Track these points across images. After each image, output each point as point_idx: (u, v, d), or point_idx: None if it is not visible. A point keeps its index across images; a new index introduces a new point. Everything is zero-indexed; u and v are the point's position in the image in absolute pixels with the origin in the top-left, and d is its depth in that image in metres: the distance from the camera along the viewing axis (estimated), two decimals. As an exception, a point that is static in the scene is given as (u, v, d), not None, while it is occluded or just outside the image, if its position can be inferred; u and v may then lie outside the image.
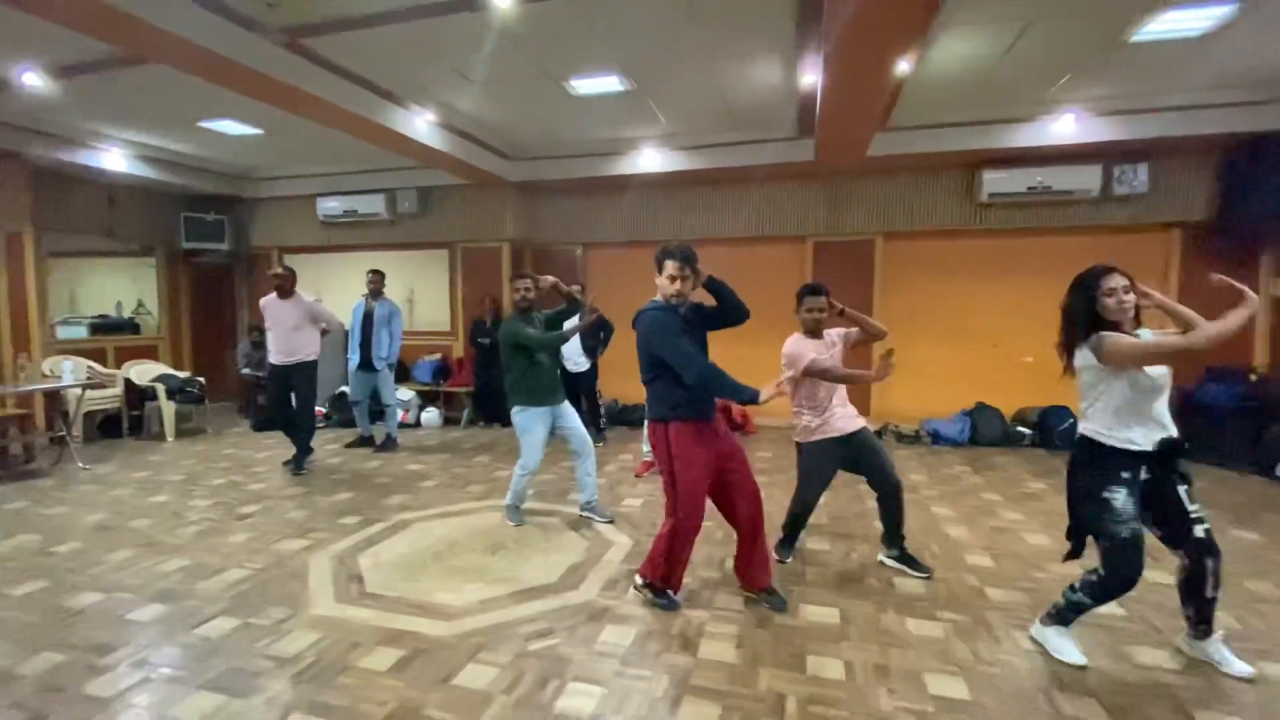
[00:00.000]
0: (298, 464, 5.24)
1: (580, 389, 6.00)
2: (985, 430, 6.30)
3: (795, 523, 3.40)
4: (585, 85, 4.93)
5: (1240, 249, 5.71)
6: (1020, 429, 6.26)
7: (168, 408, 6.56)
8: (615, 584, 3.11)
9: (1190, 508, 2.28)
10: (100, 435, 6.66)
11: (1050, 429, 6.07)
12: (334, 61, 4.42)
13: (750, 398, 2.54)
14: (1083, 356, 2.30)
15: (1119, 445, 2.26)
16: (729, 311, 2.91)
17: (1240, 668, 2.30)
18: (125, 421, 6.74)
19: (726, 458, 2.83)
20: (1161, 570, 2.88)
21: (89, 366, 6.46)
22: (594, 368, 6.20)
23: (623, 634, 2.63)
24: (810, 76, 4.55)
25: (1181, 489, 2.28)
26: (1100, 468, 2.30)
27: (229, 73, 3.98)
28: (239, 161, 7.49)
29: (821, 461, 3.27)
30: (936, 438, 6.39)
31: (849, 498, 4.42)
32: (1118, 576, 2.28)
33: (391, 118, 5.18)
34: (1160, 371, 2.24)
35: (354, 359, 6.06)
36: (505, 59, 4.41)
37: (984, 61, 4.54)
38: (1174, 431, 2.28)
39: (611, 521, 3.98)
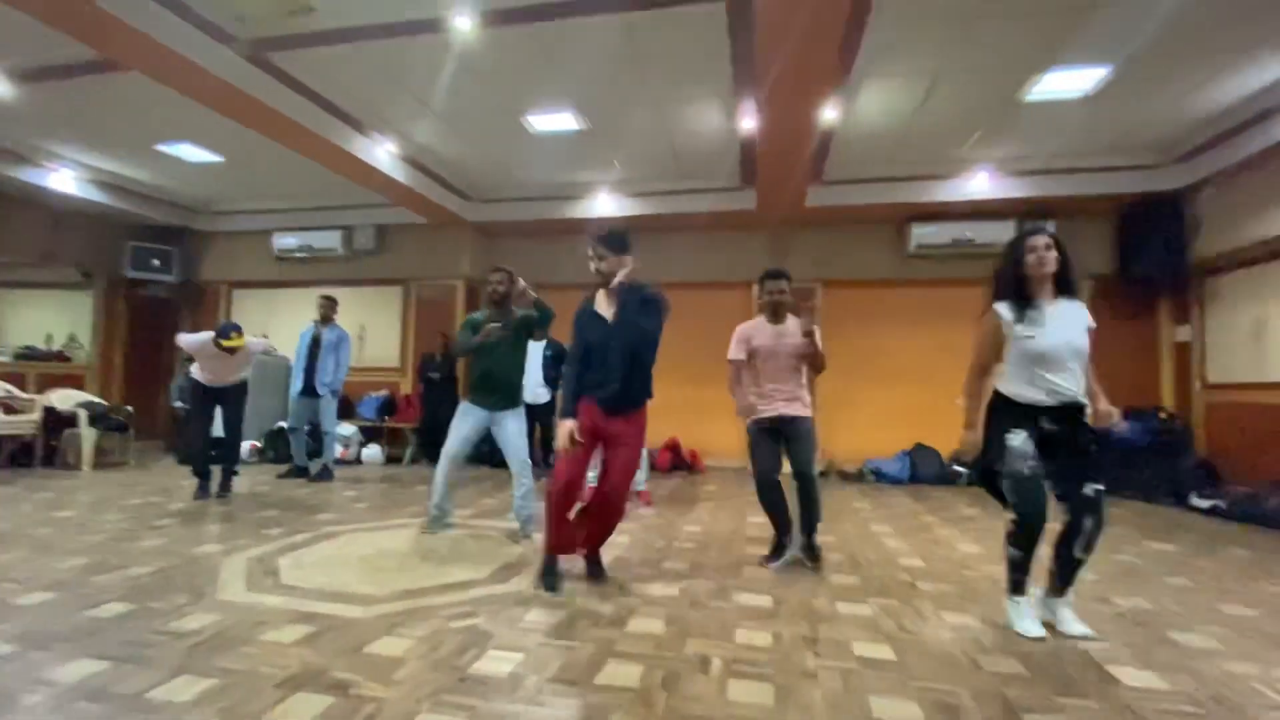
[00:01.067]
0: (224, 485, 4.96)
1: (537, 419, 5.93)
2: (924, 469, 6.47)
3: (772, 511, 3.35)
4: (542, 121, 5.23)
5: (1140, 300, 6.26)
6: (957, 468, 6.46)
7: (88, 434, 6.20)
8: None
9: (1089, 471, 2.40)
10: (10, 463, 6.20)
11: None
12: (299, 79, 4.60)
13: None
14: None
15: (1015, 399, 2.46)
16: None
17: (1079, 629, 2.42)
18: (39, 450, 6.32)
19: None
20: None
21: (5, 389, 6.11)
22: (553, 401, 6.15)
23: (550, 615, 2.55)
24: (748, 121, 4.96)
25: (1084, 454, 2.41)
26: (1002, 415, 2.48)
27: (198, 82, 4.11)
28: (194, 192, 7.51)
29: (759, 440, 3.40)
30: (879, 475, 6.52)
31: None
32: (1024, 511, 2.38)
33: (353, 143, 5.36)
34: (1057, 343, 2.39)
35: (296, 384, 5.87)
36: (465, 88, 4.69)
37: (902, 116, 5.05)
38: (1075, 396, 2.41)
39: (529, 537, 3.73)
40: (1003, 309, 2.49)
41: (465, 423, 3.78)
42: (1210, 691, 1.99)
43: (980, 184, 6.11)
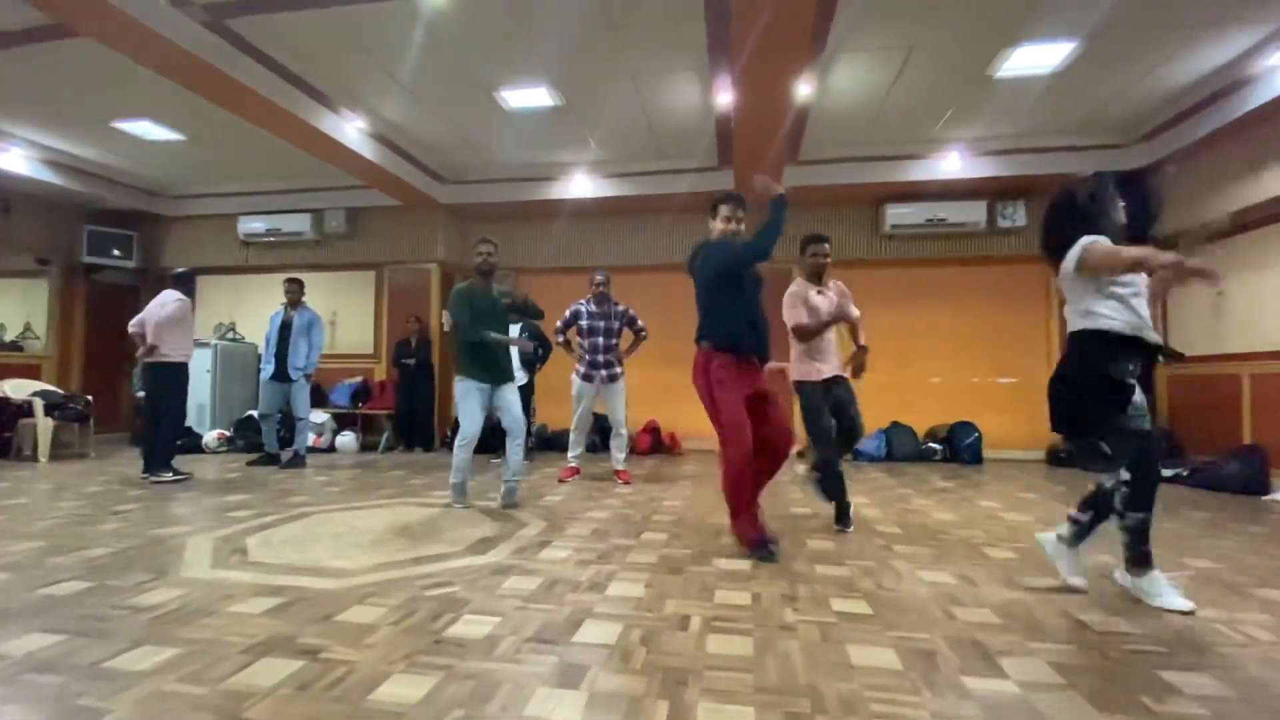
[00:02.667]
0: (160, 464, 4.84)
1: None
2: (900, 447, 6.55)
3: (826, 471, 3.42)
4: (516, 97, 5.15)
5: (1108, 277, 6.38)
6: (932, 445, 6.55)
7: (44, 424, 5.98)
8: (525, 551, 2.99)
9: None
10: (-41, 456, 5.96)
11: (958, 444, 6.39)
12: (261, 48, 4.45)
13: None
14: (1067, 262, 2.32)
15: (1122, 331, 2.20)
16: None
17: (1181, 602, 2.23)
18: (-8, 442, 6.08)
19: (760, 397, 2.98)
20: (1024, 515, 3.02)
21: (-45, 379, 5.86)
22: (530, 384, 6.10)
23: (528, 582, 2.51)
24: (724, 97, 4.93)
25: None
26: (1110, 360, 2.20)
27: (153, 49, 3.94)
28: (154, 175, 7.25)
29: (820, 408, 3.46)
30: (856, 454, 6.57)
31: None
32: (1153, 470, 2.19)
33: (320, 119, 5.21)
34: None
35: (267, 370, 5.72)
36: (435, 60, 4.58)
37: (877, 94, 5.07)
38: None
39: (516, 506, 3.96)
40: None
41: (472, 401, 3.90)
42: (1175, 633, 2.04)
43: (952, 164, 6.18)
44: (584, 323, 4.92)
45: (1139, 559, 2.29)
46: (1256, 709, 1.58)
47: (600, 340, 4.89)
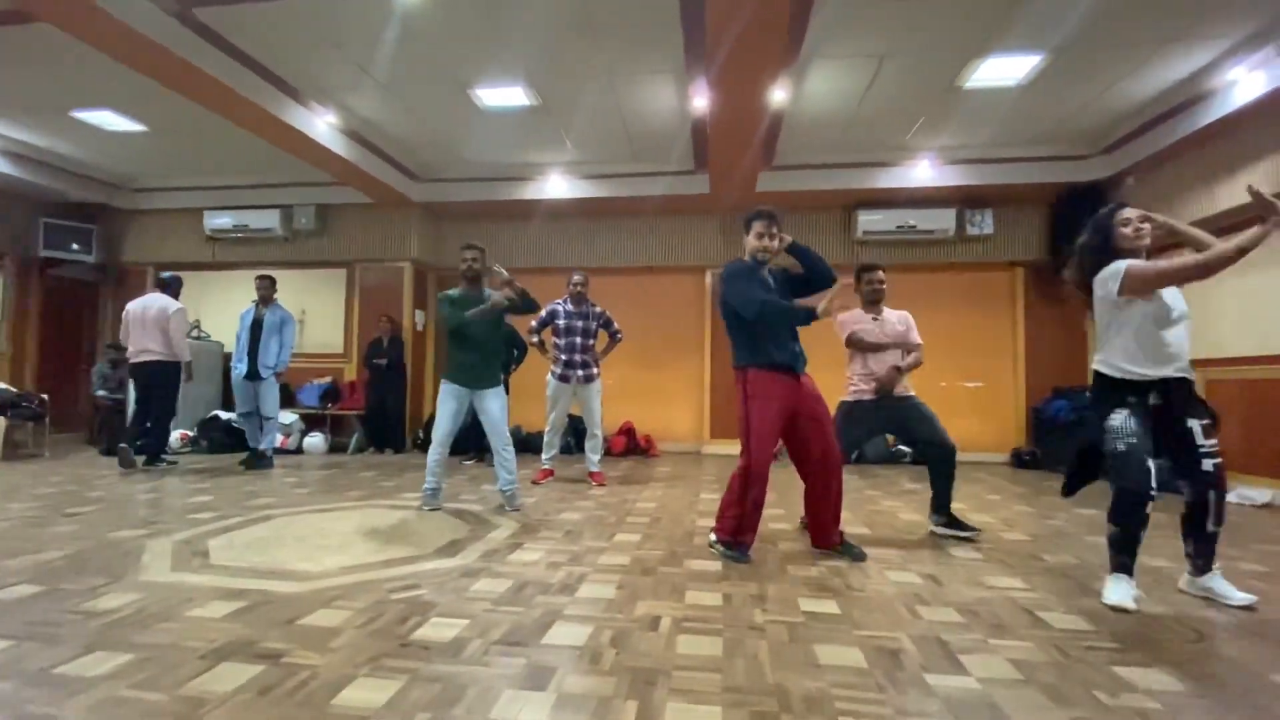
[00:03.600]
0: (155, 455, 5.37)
1: None
2: (869, 449, 6.64)
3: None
4: (491, 96, 5.11)
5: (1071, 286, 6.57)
6: (901, 448, 6.66)
7: (-5, 423, 5.75)
8: (496, 553, 2.96)
9: (1201, 442, 2.31)
10: (-97, 456, 5.71)
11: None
12: (229, 40, 4.35)
13: (807, 315, 2.78)
14: (1101, 288, 2.39)
15: (1123, 378, 2.37)
16: (814, 274, 3.03)
17: (1240, 598, 2.32)
18: (-63, 442, 5.83)
19: (803, 413, 2.91)
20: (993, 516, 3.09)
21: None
22: (504, 386, 6.03)
23: (498, 585, 2.49)
24: (700, 100, 4.96)
25: (1196, 423, 2.33)
26: (1107, 399, 2.41)
27: (115, 36, 3.82)
28: (116, 166, 7.03)
29: (851, 418, 3.55)
30: (827, 456, 6.66)
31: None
32: (1123, 488, 2.30)
33: (290, 113, 5.11)
34: (1180, 305, 2.36)
35: (239, 368, 5.59)
36: (409, 56, 4.52)
37: (850, 101, 5.15)
38: (1186, 367, 2.36)
39: (519, 509, 3.91)
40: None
41: (450, 403, 3.83)
42: (1130, 630, 2.10)
43: (923, 172, 6.30)
44: (560, 322, 4.89)
45: (1111, 563, 2.40)
46: (1208, 702, 1.63)
47: (577, 340, 4.87)
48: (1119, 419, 2.34)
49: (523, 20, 4.07)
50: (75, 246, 7.38)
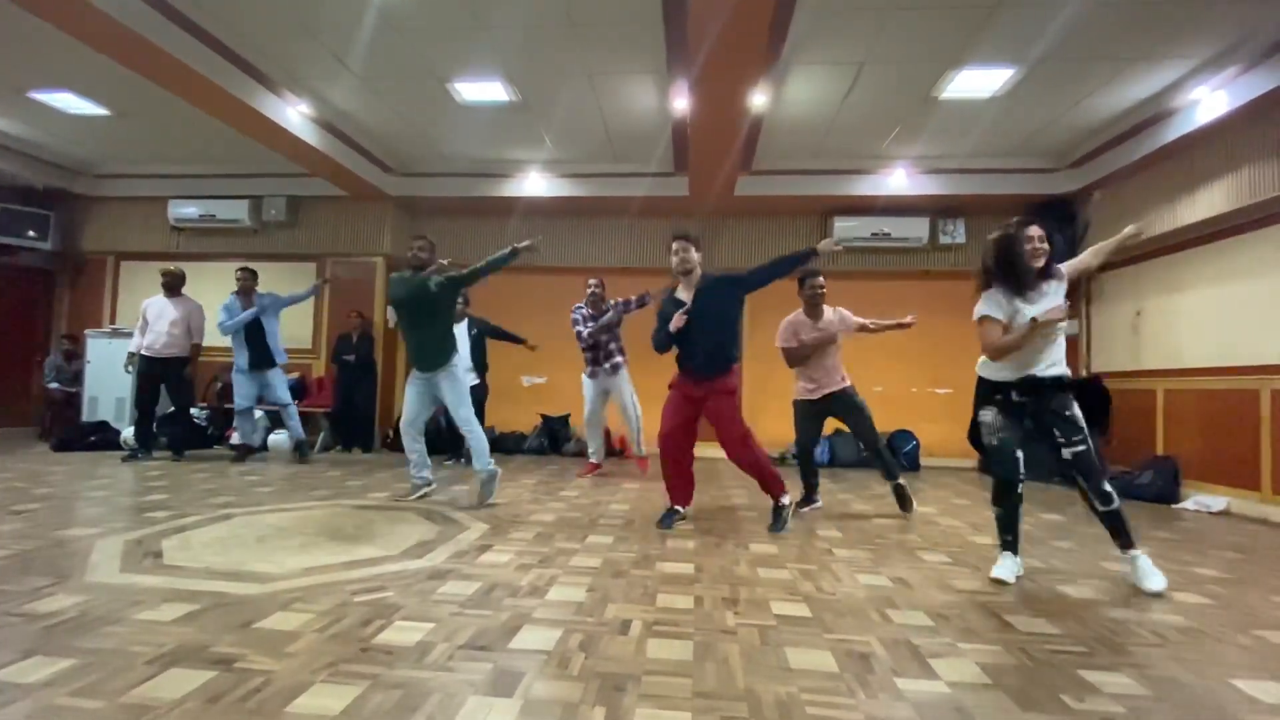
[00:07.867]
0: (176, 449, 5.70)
1: None
2: (843, 453, 6.71)
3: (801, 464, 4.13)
4: (470, 90, 5.03)
5: (1039, 294, 6.72)
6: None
7: (-62, 416, 5.48)
8: (465, 555, 2.89)
9: (1059, 437, 2.59)
10: None
11: (896, 450, 6.59)
12: (202, 26, 4.21)
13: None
14: (976, 308, 2.70)
15: (986, 377, 2.77)
16: (791, 271, 3.61)
17: (1150, 584, 2.54)
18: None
19: (709, 406, 3.51)
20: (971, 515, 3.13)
21: None
22: (483, 385, 5.96)
23: (466, 587, 2.43)
24: (680, 102, 4.95)
25: (1059, 419, 2.58)
26: (981, 396, 2.80)
27: (77, 14, 3.66)
28: (75, 151, 6.77)
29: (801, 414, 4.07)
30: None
31: (716, 494, 4.48)
32: (995, 476, 2.72)
33: (262, 101, 4.96)
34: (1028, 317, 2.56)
35: (241, 359, 5.63)
36: (386, 47, 4.43)
37: (828, 108, 5.19)
38: (1053, 370, 2.61)
39: (490, 502, 4.05)
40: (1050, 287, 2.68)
41: (412, 389, 4.06)
42: (1094, 633, 2.13)
43: (898, 180, 6.39)
44: (584, 329, 5.13)
45: (999, 542, 2.77)
46: (1170, 705, 1.66)
47: (601, 337, 5.20)
48: (989, 415, 2.73)
49: (503, 13, 4.01)
50: (31, 233, 7.09)
